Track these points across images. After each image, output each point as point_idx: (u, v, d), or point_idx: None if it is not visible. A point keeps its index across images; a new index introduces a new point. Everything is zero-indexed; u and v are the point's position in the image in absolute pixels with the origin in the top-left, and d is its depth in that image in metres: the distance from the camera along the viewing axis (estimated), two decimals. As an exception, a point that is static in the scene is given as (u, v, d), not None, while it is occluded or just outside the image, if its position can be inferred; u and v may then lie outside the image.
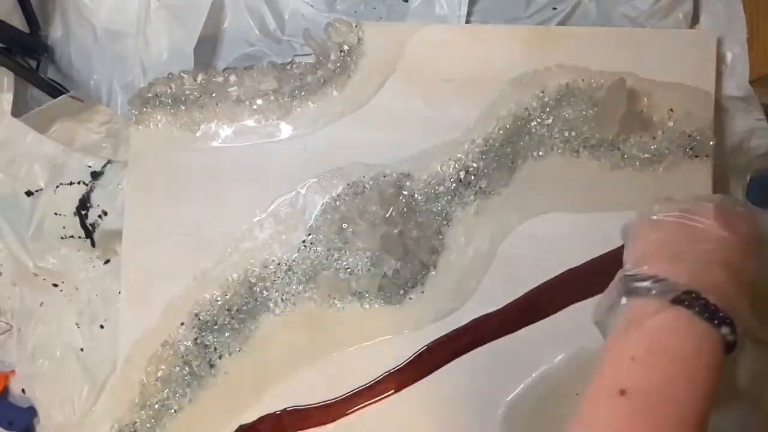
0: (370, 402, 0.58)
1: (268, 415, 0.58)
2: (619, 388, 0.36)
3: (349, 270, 0.58)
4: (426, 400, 0.58)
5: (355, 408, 0.58)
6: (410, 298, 0.59)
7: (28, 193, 0.68)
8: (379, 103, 0.60)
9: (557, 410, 0.58)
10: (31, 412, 0.67)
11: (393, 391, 0.58)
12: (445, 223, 0.59)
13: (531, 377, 0.58)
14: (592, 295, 0.56)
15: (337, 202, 0.59)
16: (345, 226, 0.58)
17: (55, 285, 0.68)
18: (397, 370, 0.58)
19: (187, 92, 0.60)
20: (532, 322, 0.58)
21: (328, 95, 0.60)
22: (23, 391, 0.68)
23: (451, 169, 0.59)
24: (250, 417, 0.59)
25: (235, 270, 0.59)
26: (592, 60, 0.59)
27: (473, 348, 0.58)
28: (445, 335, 0.58)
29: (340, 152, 0.60)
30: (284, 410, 0.58)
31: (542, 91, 0.59)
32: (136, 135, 0.60)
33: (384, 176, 0.59)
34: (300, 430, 0.58)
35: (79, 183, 0.67)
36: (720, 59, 0.61)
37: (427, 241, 0.58)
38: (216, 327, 0.59)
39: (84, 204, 0.66)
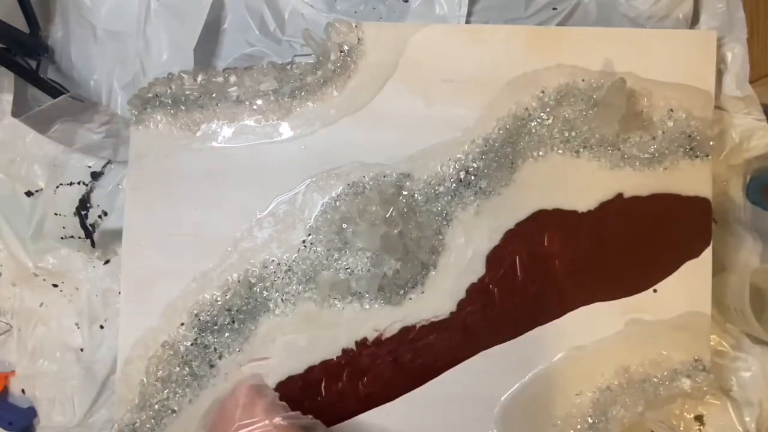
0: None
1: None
2: None
3: (349, 270, 0.58)
4: (424, 399, 0.58)
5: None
6: (410, 298, 0.59)
7: (28, 193, 0.68)
8: (379, 104, 0.60)
9: (555, 410, 0.58)
10: (31, 412, 0.67)
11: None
12: (445, 223, 0.59)
13: (528, 376, 0.58)
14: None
15: (337, 202, 0.59)
16: (345, 226, 0.58)
17: (55, 285, 0.68)
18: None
19: (187, 92, 0.60)
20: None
21: (328, 95, 0.60)
22: (23, 391, 0.68)
23: (451, 169, 0.59)
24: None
25: (235, 270, 0.59)
26: (592, 60, 0.59)
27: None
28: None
29: (340, 152, 0.59)
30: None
31: (542, 91, 0.59)
32: (136, 135, 0.60)
33: (384, 176, 0.59)
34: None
35: (79, 183, 0.67)
36: (720, 59, 0.61)
37: (427, 241, 0.58)
38: (216, 327, 0.59)
39: (84, 204, 0.66)
